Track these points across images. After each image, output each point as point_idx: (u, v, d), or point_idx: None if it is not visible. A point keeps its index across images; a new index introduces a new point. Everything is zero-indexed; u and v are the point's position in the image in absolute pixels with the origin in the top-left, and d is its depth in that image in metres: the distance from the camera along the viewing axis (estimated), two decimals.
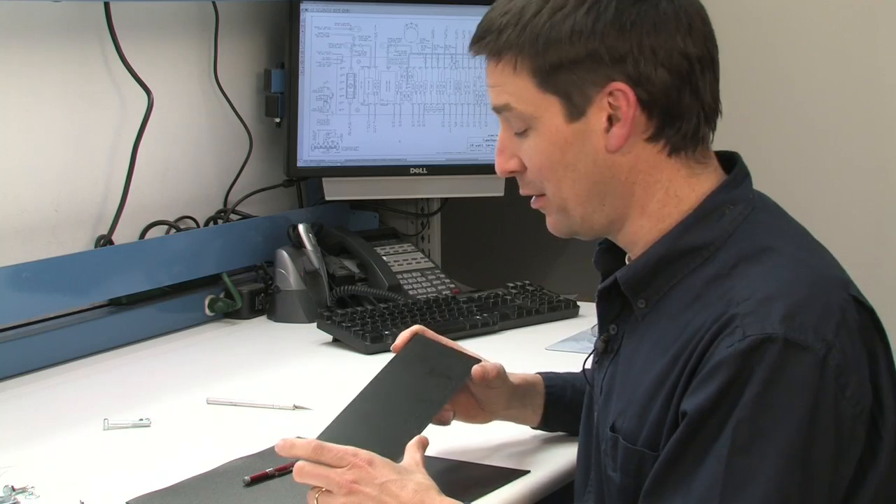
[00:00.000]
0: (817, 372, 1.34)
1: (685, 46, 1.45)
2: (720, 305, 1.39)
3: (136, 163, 2.49)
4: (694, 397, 1.37)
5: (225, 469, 1.76)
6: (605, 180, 1.48)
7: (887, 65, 2.66)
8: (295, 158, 2.71)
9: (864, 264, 1.75)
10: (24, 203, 2.34)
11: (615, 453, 1.49)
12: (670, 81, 1.45)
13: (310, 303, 2.59)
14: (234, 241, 2.65)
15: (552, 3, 1.45)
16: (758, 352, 1.34)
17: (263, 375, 2.24)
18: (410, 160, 2.79)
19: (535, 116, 1.48)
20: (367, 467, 1.49)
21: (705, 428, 1.35)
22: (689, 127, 1.47)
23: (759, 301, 1.37)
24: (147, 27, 2.54)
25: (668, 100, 1.45)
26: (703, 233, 1.46)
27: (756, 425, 1.33)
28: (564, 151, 1.48)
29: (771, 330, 1.34)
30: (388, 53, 2.74)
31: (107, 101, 2.47)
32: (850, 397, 1.36)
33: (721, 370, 1.35)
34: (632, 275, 1.50)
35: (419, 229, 3.05)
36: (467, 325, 2.47)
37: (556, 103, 1.47)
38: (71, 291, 2.32)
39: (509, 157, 1.53)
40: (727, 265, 1.43)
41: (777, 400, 1.33)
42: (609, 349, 1.56)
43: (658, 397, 1.43)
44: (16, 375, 2.20)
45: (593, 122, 1.46)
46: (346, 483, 1.49)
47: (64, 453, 1.87)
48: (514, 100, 1.49)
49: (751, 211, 1.48)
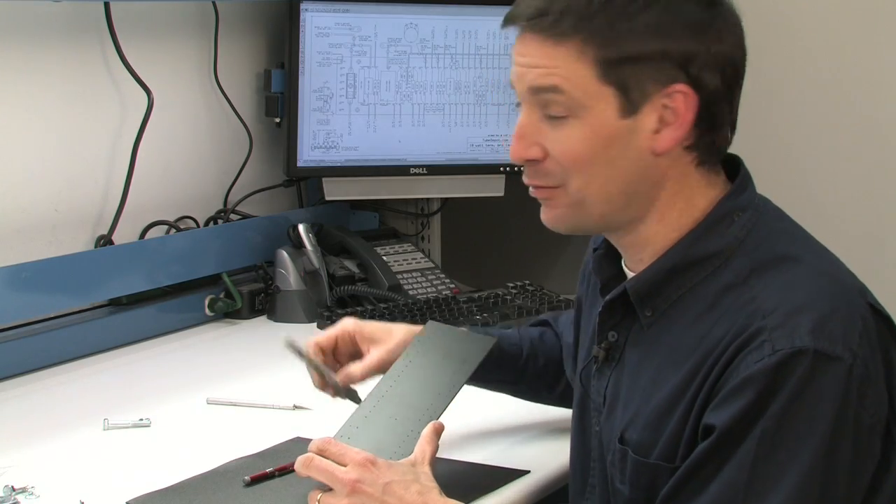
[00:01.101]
0: (844, 381, 1.33)
1: (738, 56, 1.44)
2: (741, 317, 1.38)
3: (136, 163, 2.49)
4: (721, 412, 1.35)
5: (225, 469, 1.76)
6: (638, 181, 1.44)
7: (887, 64, 2.66)
8: (295, 158, 2.71)
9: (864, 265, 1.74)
10: (24, 203, 2.34)
11: (623, 466, 1.48)
12: (720, 91, 1.42)
13: (310, 303, 2.59)
14: (234, 241, 2.65)
15: None
16: (789, 366, 1.33)
17: (263, 375, 2.24)
18: (410, 160, 2.79)
19: (586, 106, 1.41)
20: (371, 467, 1.49)
21: (731, 440, 1.34)
22: (721, 139, 1.45)
23: (786, 314, 1.35)
24: (147, 27, 2.54)
25: (714, 110, 1.43)
26: (715, 241, 1.45)
27: (781, 435, 1.33)
28: (608, 147, 1.42)
29: (801, 343, 1.33)
30: (388, 53, 2.74)
31: (107, 101, 2.48)
32: (869, 407, 1.36)
33: (751, 385, 1.34)
34: (642, 285, 1.47)
35: (419, 229, 3.05)
36: (467, 325, 2.47)
37: (612, 96, 1.41)
38: (71, 291, 2.32)
39: (531, 143, 1.45)
40: (742, 274, 1.42)
41: (804, 410, 1.32)
42: (611, 357, 1.54)
43: (676, 410, 1.41)
44: (16, 375, 2.20)
45: (645, 122, 1.42)
46: (349, 482, 1.48)
47: (64, 453, 1.86)
48: (568, 84, 1.41)
49: (759, 217, 1.46)
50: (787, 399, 1.32)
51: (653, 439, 1.44)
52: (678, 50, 1.40)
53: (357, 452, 1.51)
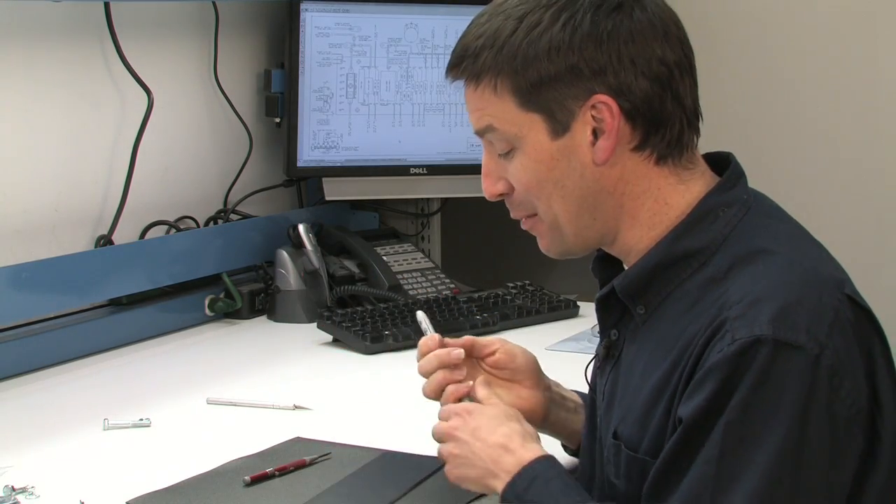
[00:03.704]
0: (809, 371, 1.33)
1: (663, 53, 1.45)
2: (714, 310, 1.39)
3: (136, 163, 2.49)
4: (687, 404, 1.37)
5: (225, 469, 1.76)
6: (594, 193, 1.47)
7: (886, 65, 2.66)
8: (295, 158, 2.71)
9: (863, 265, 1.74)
10: (24, 203, 2.34)
11: (618, 461, 1.49)
12: (651, 90, 1.44)
13: (310, 303, 2.59)
14: (234, 241, 2.65)
15: (527, 22, 1.44)
16: (747, 354, 1.33)
17: (263, 375, 2.24)
18: (410, 160, 2.79)
19: (520, 136, 1.47)
20: (465, 415, 1.56)
21: (698, 433, 1.35)
22: (673, 134, 1.46)
23: (748, 304, 1.36)
24: (147, 27, 2.54)
25: (651, 108, 1.45)
26: (698, 237, 1.46)
27: (745, 427, 1.33)
28: (551, 168, 1.47)
29: (759, 331, 1.34)
30: (388, 53, 2.74)
31: (107, 100, 2.48)
32: (845, 398, 1.35)
33: (712, 375, 1.35)
34: (628, 282, 1.50)
35: (419, 229, 3.05)
36: (467, 325, 2.47)
37: (540, 121, 1.46)
38: (71, 291, 2.32)
39: (496, 180, 1.53)
40: (722, 269, 1.43)
41: (767, 400, 1.33)
42: (611, 354, 1.55)
43: (659, 404, 1.43)
44: (16, 375, 2.20)
45: (578, 137, 1.45)
46: (448, 430, 1.56)
47: (64, 453, 1.86)
48: (497, 121, 1.48)
49: (746, 213, 1.47)
50: (748, 389, 1.33)
51: (640, 434, 1.45)
52: (586, 63, 1.43)
53: (459, 405, 1.58)
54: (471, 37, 1.48)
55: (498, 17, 1.46)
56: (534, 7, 1.45)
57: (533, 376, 1.70)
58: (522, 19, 1.45)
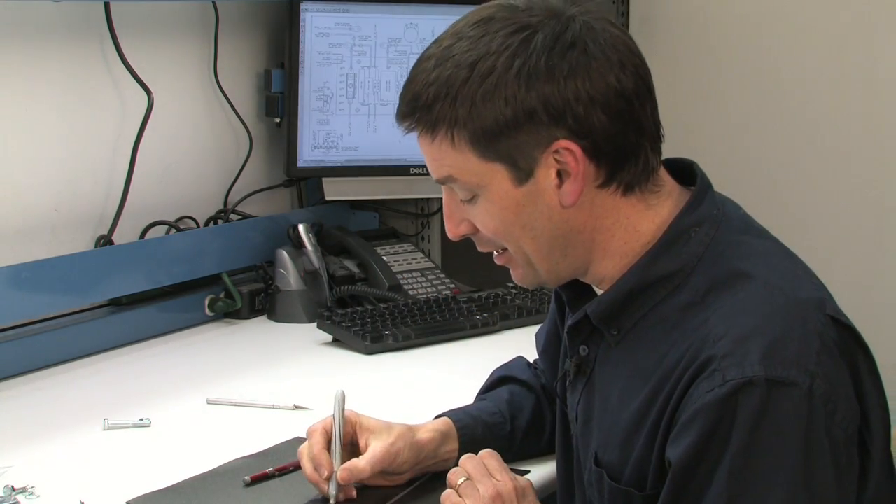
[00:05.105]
0: (804, 404, 1.32)
1: (621, 85, 1.40)
2: (696, 340, 1.36)
3: (136, 163, 2.49)
4: (676, 446, 1.35)
5: (225, 469, 1.76)
6: (563, 234, 1.44)
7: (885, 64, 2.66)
8: (295, 158, 2.71)
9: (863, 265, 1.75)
10: (24, 203, 2.34)
11: (601, 488, 1.47)
12: (613, 126, 1.40)
13: (310, 303, 2.59)
14: (234, 241, 2.65)
15: (479, 69, 1.39)
16: (738, 396, 1.31)
17: (263, 375, 2.24)
18: (410, 160, 2.79)
19: (482, 185, 1.43)
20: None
21: (695, 478, 1.33)
22: (638, 165, 1.43)
23: (735, 340, 1.34)
24: (147, 27, 2.54)
25: (615, 145, 1.41)
26: (672, 260, 1.43)
27: (750, 469, 1.31)
28: (518, 213, 1.43)
29: (751, 373, 1.31)
30: (388, 53, 2.74)
31: (107, 101, 2.48)
32: (840, 421, 1.34)
33: (700, 417, 1.33)
34: (602, 308, 1.47)
35: (419, 229, 3.05)
36: (467, 325, 2.47)
37: (502, 169, 1.41)
38: (71, 291, 2.32)
39: (458, 221, 1.49)
40: (699, 292, 1.40)
41: (768, 441, 1.31)
42: (582, 371, 1.53)
43: (640, 434, 1.41)
44: (16, 375, 2.20)
45: (543, 182, 1.42)
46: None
47: (64, 453, 1.87)
48: (457, 172, 1.43)
49: (717, 229, 1.44)
50: (747, 432, 1.31)
51: (621, 461, 1.44)
52: (544, 108, 1.38)
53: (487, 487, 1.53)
54: (419, 84, 1.42)
55: (448, 64, 1.41)
56: (484, 53, 1.40)
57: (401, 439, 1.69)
58: (474, 67, 1.39)
